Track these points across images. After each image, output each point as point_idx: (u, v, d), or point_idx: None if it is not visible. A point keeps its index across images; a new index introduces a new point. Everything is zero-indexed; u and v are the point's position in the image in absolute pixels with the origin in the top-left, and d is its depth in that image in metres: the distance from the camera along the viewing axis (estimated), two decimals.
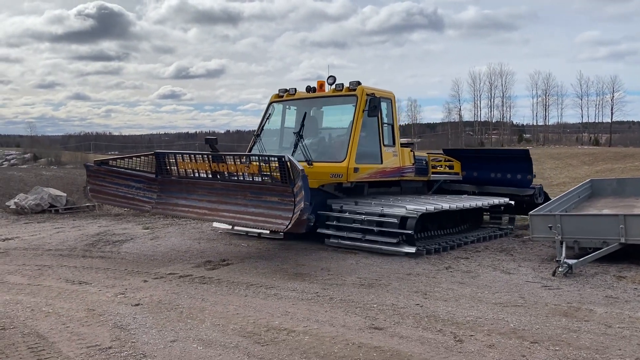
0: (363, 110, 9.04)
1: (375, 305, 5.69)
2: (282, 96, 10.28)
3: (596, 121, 64.51)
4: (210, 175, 8.13)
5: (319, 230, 8.96)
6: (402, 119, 72.80)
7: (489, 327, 4.96)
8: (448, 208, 8.89)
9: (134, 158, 9.07)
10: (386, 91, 9.92)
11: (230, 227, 10.16)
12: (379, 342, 4.59)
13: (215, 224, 10.60)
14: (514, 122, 70.48)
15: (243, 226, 8.98)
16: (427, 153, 12.17)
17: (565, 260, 7.07)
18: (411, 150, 10.46)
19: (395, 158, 9.88)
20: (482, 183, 11.79)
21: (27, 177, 19.63)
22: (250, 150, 10.23)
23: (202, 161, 8.11)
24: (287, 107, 10.32)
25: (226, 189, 8.01)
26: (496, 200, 10.49)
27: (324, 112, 10.28)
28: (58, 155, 36.05)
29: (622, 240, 7.40)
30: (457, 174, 12.01)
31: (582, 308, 5.54)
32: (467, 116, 69.64)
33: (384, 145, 9.57)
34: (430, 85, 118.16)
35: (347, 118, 9.18)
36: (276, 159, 7.21)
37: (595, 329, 4.88)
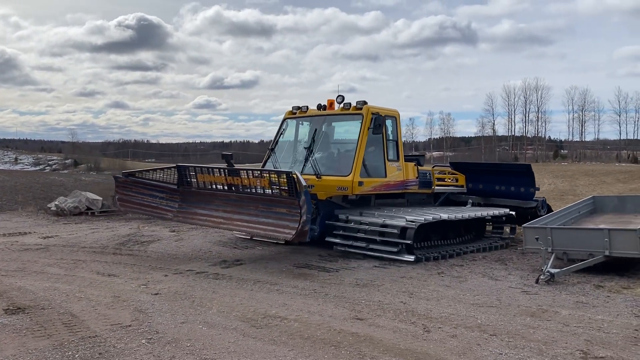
0: (368, 128, 9.76)
1: (363, 301, 6.40)
2: (295, 113, 10.99)
3: (635, 138, 63.52)
4: (226, 188, 8.98)
5: (327, 239, 9.72)
6: (435, 132, 73.13)
7: (458, 322, 5.62)
8: (447, 218, 9.60)
9: (157, 170, 10.00)
10: (391, 109, 10.60)
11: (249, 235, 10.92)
12: (357, 330, 5.32)
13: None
14: (551, 138, 69.92)
15: (254, 235, 9.82)
16: (434, 166, 12.81)
17: (548, 269, 7.63)
18: (415, 165, 11.05)
19: (399, 172, 10.52)
20: (487, 195, 12.31)
21: (67, 182, 21.13)
22: (264, 164, 10.99)
23: (218, 174, 9.02)
24: (301, 122, 11.02)
25: (240, 200, 8.84)
26: (495, 211, 11.02)
27: (335, 128, 10.90)
28: (97, 161, 37.86)
29: (607, 252, 7.90)
30: (461, 186, 12.52)
31: (550, 310, 6.13)
32: (502, 130, 69.47)
33: (388, 160, 10.24)
34: (464, 99, 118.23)
35: (354, 135, 9.92)
36: (284, 174, 8.05)
37: (553, 327, 5.48)
